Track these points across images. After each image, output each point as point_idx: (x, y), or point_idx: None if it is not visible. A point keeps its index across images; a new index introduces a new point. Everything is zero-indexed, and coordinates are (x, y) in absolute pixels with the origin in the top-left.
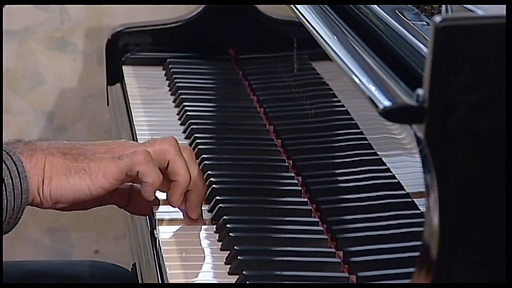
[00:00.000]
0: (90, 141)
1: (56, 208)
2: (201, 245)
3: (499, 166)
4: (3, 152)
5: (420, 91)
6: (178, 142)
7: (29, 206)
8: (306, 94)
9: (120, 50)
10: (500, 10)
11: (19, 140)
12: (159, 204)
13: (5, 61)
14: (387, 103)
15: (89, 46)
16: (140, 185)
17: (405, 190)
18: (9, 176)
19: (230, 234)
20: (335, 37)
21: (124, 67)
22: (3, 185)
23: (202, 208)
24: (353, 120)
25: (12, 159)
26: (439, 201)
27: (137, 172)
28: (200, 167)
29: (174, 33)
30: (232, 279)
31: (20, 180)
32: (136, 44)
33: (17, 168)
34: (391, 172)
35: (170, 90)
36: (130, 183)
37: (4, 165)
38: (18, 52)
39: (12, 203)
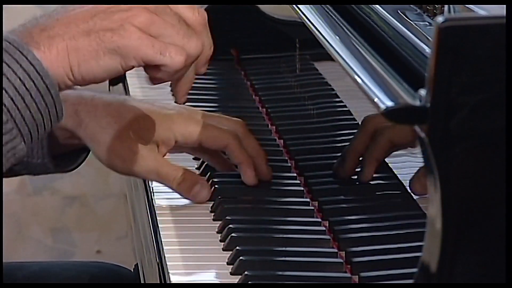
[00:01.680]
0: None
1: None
2: (203, 245)
3: (502, 166)
4: (16, 50)
5: (422, 92)
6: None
7: (31, 206)
8: (308, 95)
9: None
10: (502, 10)
11: (37, 20)
12: None
13: None
14: (389, 103)
15: None
16: None
17: (407, 191)
18: (28, 78)
19: (232, 234)
20: (337, 37)
21: None
22: (19, 95)
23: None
24: (355, 120)
25: (27, 58)
26: (441, 201)
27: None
28: (202, 168)
29: None
30: (235, 279)
31: (42, 78)
32: None
33: (34, 68)
34: (393, 173)
35: (171, 90)
36: None
37: (20, 69)
38: None
39: (43, 102)
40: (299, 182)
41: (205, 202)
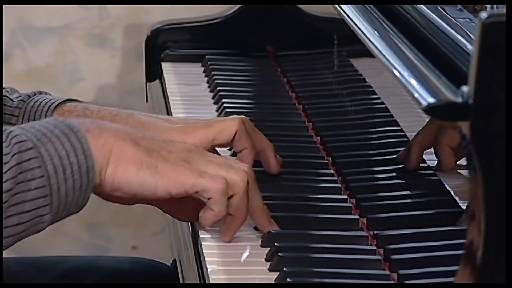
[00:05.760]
0: None
1: (111, 196)
2: (241, 242)
3: None
4: (67, 128)
5: (465, 88)
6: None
7: None
8: (345, 91)
9: (159, 47)
10: None
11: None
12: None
13: (45, 57)
14: (431, 100)
15: (128, 43)
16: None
17: (446, 187)
18: (73, 153)
19: (270, 231)
20: (376, 33)
21: (163, 64)
22: (61, 166)
23: None
24: (393, 117)
25: (76, 135)
26: (484, 198)
27: (208, 198)
28: None
29: (213, 29)
30: (273, 276)
31: (85, 158)
32: (175, 41)
33: (81, 146)
34: (432, 170)
35: (209, 87)
36: None
37: (68, 143)
38: (57, 48)
39: (79, 181)
40: (336, 179)
41: None
